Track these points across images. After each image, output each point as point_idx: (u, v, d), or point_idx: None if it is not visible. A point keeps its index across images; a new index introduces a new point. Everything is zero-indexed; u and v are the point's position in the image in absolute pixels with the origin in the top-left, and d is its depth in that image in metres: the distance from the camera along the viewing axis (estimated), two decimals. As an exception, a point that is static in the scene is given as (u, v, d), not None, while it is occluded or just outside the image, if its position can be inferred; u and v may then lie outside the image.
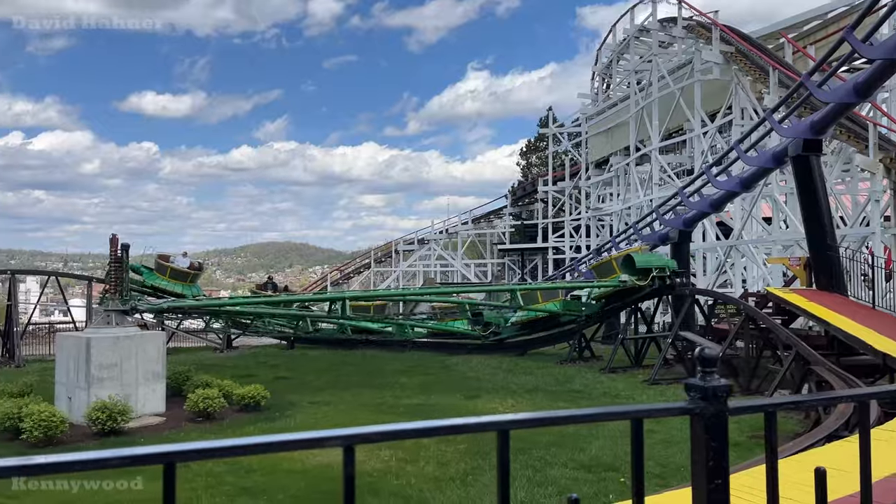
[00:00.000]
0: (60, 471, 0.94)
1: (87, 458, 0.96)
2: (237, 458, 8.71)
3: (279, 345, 28.89)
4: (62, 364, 15.06)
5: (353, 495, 1.06)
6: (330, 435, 1.08)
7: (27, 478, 9.86)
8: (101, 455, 0.97)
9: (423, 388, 17.94)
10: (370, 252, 57.76)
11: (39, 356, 26.23)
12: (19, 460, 0.90)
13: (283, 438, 1.05)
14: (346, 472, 1.05)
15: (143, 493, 8.73)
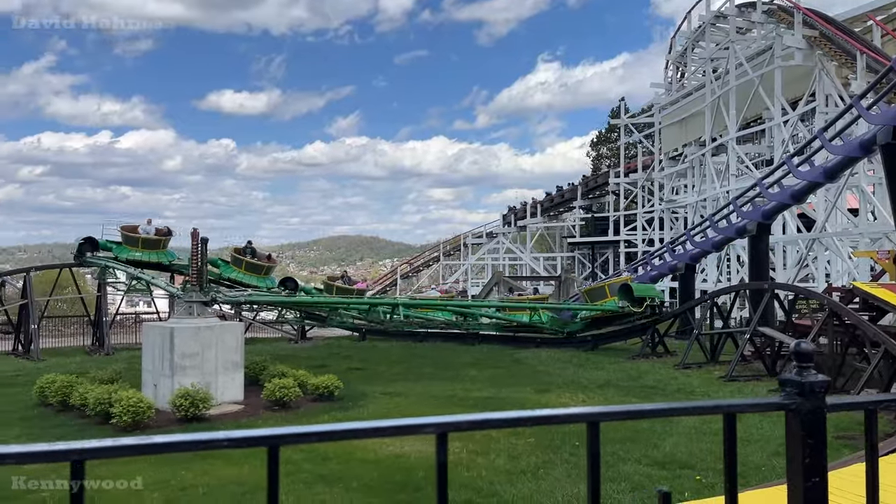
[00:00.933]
0: (177, 450, 0.99)
1: (199, 439, 1.01)
2: (314, 446, 8.90)
3: (351, 336, 29.42)
4: (148, 353, 15.75)
5: (446, 481, 1.08)
6: (425, 422, 1.10)
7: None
8: (212, 437, 1.02)
9: (492, 382, 17.95)
10: (439, 245, 58.05)
11: (127, 345, 27.52)
12: (139, 439, 0.96)
13: (381, 425, 1.08)
14: (439, 458, 1.07)
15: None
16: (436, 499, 1.06)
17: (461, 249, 54.18)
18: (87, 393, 13.83)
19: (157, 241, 25.75)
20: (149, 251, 25.71)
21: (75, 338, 28.69)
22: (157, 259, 25.65)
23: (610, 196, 51.55)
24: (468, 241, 53.46)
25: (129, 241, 25.54)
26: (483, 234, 53.68)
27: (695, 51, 42.65)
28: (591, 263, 51.98)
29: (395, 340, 27.58)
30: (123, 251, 25.42)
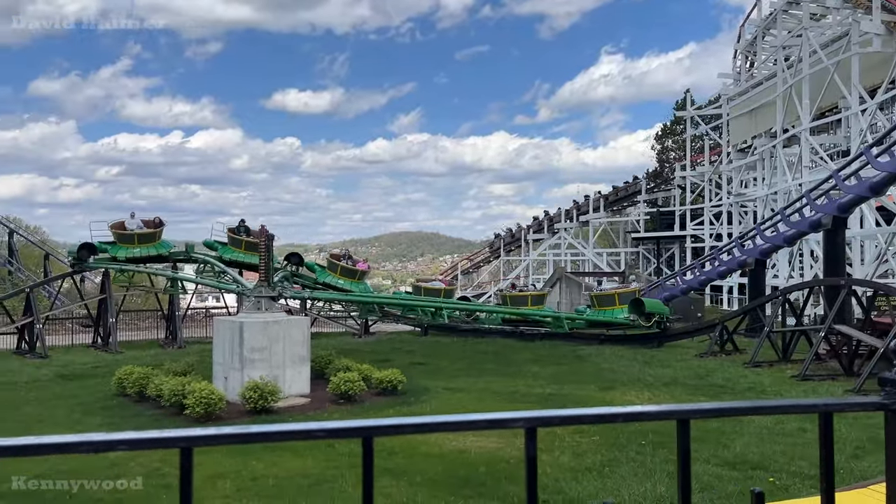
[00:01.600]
0: (276, 440, 1.03)
1: (297, 429, 1.04)
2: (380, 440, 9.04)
3: (413, 331, 29.67)
4: (219, 346, 16.25)
5: (536, 475, 1.08)
6: (512, 416, 1.11)
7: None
8: (310, 427, 1.06)
9: (555, 378, 17.82)
10: (499, 241, 57.85)
11: (198, 338, 28.45)
12: (240, 429, 1.00)
13: (473, 418, 1.09)
14: (528, 452, 1.08)
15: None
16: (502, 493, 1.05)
17: (522, 245, 53.88)
18: (162, 385, 14.37)
19: (151, 234, 25.69)
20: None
21: (150, 331, 29.83)
22: (156, 252, 25.60)
23: (675, 190, 50.39)
24: (529, 236, 53.11)
25: (123, 239, 25.36)
26: (544, 230, 53.23)
27: (765, 39, 41.23)
28: (656, 259, 50.96)
29: (456, 336, 27.68)
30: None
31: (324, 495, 8.73)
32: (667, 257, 50.99)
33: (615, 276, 43.99)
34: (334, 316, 30.25)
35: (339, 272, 26.71)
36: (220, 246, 26.32)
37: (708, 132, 48.96)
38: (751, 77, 43.23)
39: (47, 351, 23.88)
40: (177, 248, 26.06)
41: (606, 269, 48.61)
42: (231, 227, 26.87)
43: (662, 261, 50.50)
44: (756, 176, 41.74)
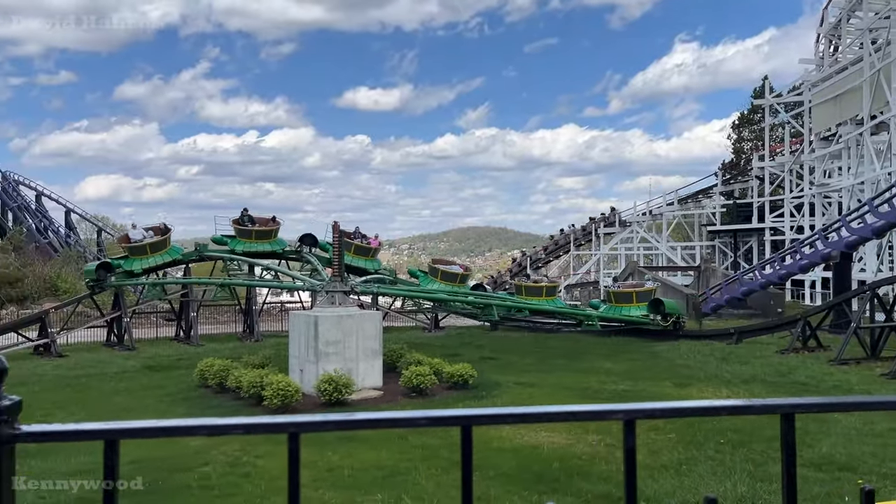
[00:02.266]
0: (379, 426, 1.06)
1: (400, 417, 1.06)
2: (450, 433, 9.03)
3: (483, 326, 29.69)
4: (294, 340, 16.67)
5: (635, 468, 1.07)
6: (612, 408, 1.10)
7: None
8: (412, 415, 1.08)
9: (628, 375, 17.53)
10: (569, 235, 57.20)
11: (274, 332, 29.27)
12: (345, 415, 1.03)
13: (574, 409, 1.09)
14: (627, 444, 1.07)
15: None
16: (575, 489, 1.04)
17: (592, 240, 53.10)
18: (241, 377, 14.85)
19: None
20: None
21: (228, 325, 30.87)
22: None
23: (753, 181, 48.66)
24: (600, 230, 52.30)
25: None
26: (616, 223, 52.31)
27: (850, 21, 39.31)
28: (734, 252, 49.37)
29: (526, 331, 27.57)
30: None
31: (398, 487, 8.85)
32: (744, 251, 49.32)
33: (690, 271, 42.86)
34: (404, 311, 30.60)
35: (353, 251, 27.08)
36: (230, 239, 26.89)
37: (788, 120, 47.04)
38: (835, 62, 41.28)
39: (134, 343, 25.04)
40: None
41: (680, 264, 47.40)
42: (235, 219, 27.17)
43: (740, 254, 48.89)
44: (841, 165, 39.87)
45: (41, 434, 1.03)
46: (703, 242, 51.07)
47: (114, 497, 1.00)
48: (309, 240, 27.67)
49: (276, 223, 26.88)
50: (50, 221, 50.05)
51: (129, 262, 25.16)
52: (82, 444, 10.39)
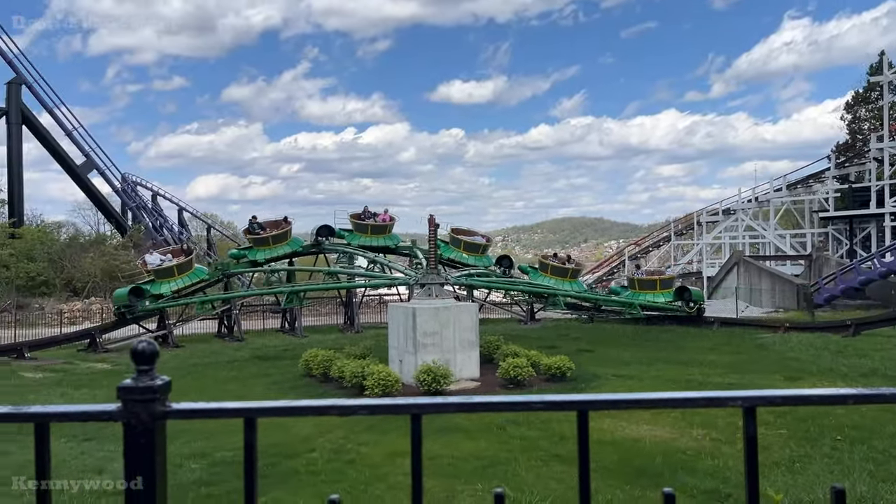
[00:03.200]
0: (497, 410, 1.09)
1: (518, 401, 1.09)
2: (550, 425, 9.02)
3: (579, 318, 29.33)
4: (393, 331, 17.03)
5: (756, 456, 1.06)
6: (731, 395, 1.09)
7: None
8: (529, 399, 1.11)
9: (734, 367, 16.88)
10: (669, 225, 55.50)
11: (373, 324, 30.00)
12: (465, 399, 1.07)
13: (690, 396, 1.09)
14: (748, 432, 1.05)
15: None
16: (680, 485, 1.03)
17: (694, 228, 51.29)
18: (343, 367, 15.32)
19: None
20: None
21: (330, 317, 31.90)
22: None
23: (871, 163, 45.56)
24: (702, 218, 50.42)
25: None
26: (719, 211, 50.30)
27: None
28: (849, 240, 46.45)
29: (622, 323, 27.04)
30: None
31: (498, 477, 8.91)
32: (861, 238, 46.32)
33: (800, 260, 40.70)
34: (500, 303, 30.65)
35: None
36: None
37: (910, 97, 43.71)
38: (963, 31, 37.98)
39: (243, 334, 26.29)
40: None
41: (790, 252, 45.09)
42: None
43: (856, 242, 45.95)
44: (971, 143, 36.74)
45: (189, 411, 1.13)
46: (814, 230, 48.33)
47: (254, 471, 1.09)
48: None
49: (287, 224, 27.20)
50: (165, 219, 53.14)
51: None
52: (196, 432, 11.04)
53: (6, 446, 11.23)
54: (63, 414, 1.10)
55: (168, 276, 24.81)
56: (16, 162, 44.21)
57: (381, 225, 27.36)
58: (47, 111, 44.84)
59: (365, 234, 27.14)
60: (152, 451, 1.08)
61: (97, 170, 47.06)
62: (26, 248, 38.81)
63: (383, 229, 27.37)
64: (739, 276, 36.09)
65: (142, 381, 1.10)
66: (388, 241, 27.52)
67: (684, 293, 27.13)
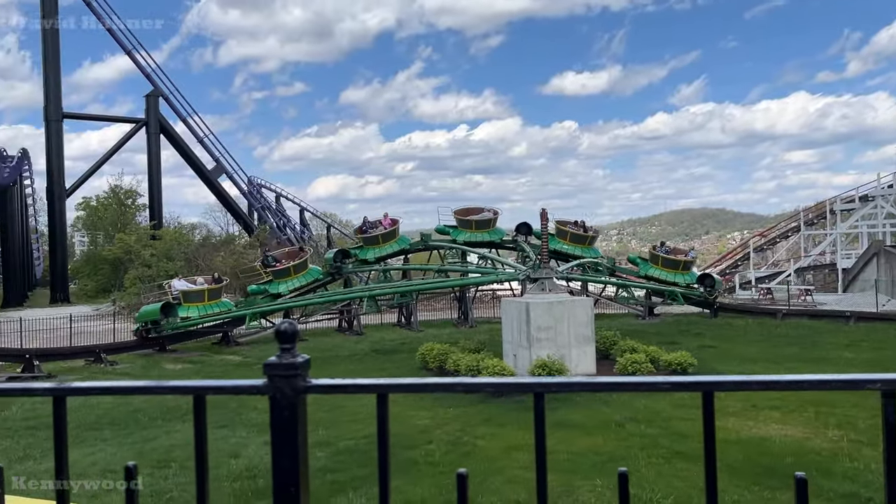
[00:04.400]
0: (624, 390, 1.11)
1: (644, 381, 1.10)
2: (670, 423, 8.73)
3: (701, 312, 28.21)
4: (507, 326, 17.07)
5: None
6: (869, 378, 1.04)
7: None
8: (654, 380, 1.11)
9: (874, 364, 15.74)
10: (798, 214, 52.26)
11: (486, 318, 30.14)
12: (589, 379, 1.09)
13: (825, 378, 1.06)
14: (888, 419, 1.01)
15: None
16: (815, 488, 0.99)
17: (826, 217, 48.03)
18: (458, 360, 15.54)
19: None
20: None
21: (444, 312, 32.33)
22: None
23: None
24: (836, 207, 47.13)
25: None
26: (855, 198, 46.85)
27: None
28: None
29: (750, 318, 25.76)
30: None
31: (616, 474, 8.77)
32: None
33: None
34: (617, 298, 29.98)
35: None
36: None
37: None
38: None
39: (362, 329, 27.16)
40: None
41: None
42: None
43: None
44: None
45: (328, 386, 1.21)
46: (968, 216, 44.00)
47: (386, 444, 1.15)
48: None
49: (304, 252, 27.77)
50: (288, 219, 55.71)
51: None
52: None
53: (154, 432, 12.22)
54: (217, 387, 1.22)
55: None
56: (155, 169, 47.72)
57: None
58: (181, 120, 48.07)
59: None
60: (295, 424, 1.18)
61: (226, 174, 49.96)
62: (165, 248, 41.81)
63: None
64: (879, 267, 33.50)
65: (285, 358, 1.20)
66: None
67: (706, 279, 27.36)
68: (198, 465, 1.16)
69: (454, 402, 13.93)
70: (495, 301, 32.31)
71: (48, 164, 43.43)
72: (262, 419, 12.23)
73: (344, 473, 9.13)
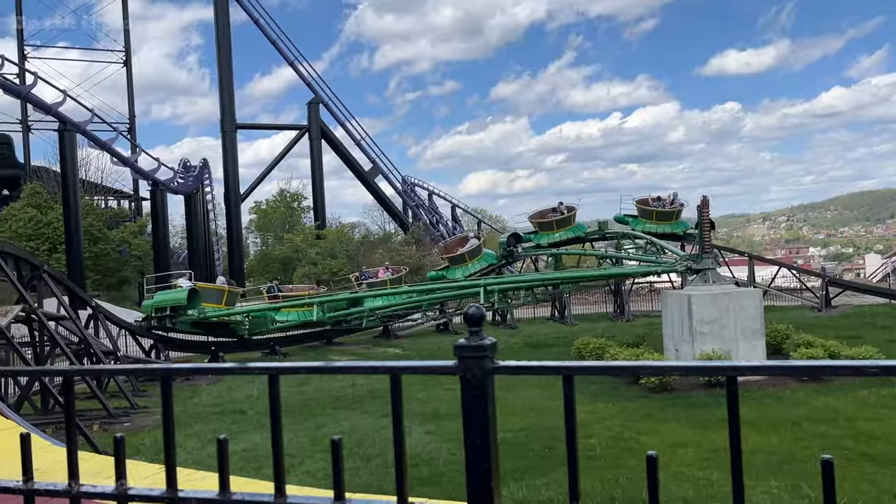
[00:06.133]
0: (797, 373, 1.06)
1: (865, 365, 1.04)
2: (857, 425, 8.05)
3: (890, 304, 25.65)
4: (667, 319, 16.46)
5: None
6: None
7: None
8: (862, 364, 1.05)
9: None
10: None
11: (644, 312, 29.26)
12: (780, 362, 1.05)
13: None
14: None
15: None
16: None
17: None
18: (616, 355, 15.20)
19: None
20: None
21: (599, 305, 31.72)
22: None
23: None
24: None
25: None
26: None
27: None
28: None
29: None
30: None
31: (793, 475, 8.21)
32: None
33: None
34: (788, 288, 27.98)
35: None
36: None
37: None
38: None
39: (515, 322, 27.29)
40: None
41: None
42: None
43: None
44: None
45: (514, 368, 1.26)
46: None
47: (574, 423, 1.18)
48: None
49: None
50: (440, 216, 57.05)
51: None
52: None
53: (323, 420, 13.00)
54: (412, 367, 1.30)
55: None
56: (318, 172, 50.63)
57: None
58: (340, 125, 50.62)
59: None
60: (485, 403, 1.23)
61: (382, 174, 52.02)
62: (329, 247, 44.29)
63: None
64: None
65: (473, 340, 1.26)
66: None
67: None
68: (396, 441, 1.25)
69: (613, 398, 13.65)
70: (653, 294, 31.25)
71: (225, 172, 47.36)
72: (424, 409, 12.65)
73: (502, 465, 9.20)
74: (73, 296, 19.50)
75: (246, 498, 1.35)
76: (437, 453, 9.85)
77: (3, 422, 5.90)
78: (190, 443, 11.18)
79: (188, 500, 1.46)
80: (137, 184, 49.65)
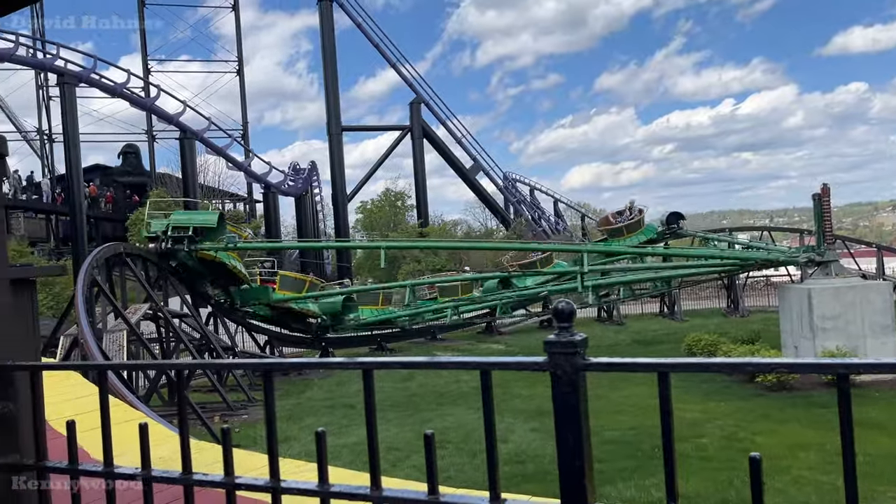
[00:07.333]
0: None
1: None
2: None
3: None
4: (785, 314, 15.61)
5: None
6: None
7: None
8: None
9: None
10: None
11: (760, 307, 27.90)
12: None
13: None
14: None
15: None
16: None
17: None
18: (730, 352, 14.58)
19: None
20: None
21: (710, 301, 30.49)
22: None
23: None
24: None
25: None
26: None
27: None
28: None
29: None
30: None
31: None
32: None
33: None
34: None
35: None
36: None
37: None
38: None
39: (623, 318, 26.67)
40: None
41: None
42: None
43: None
44: None
45: (606, 364, 1.23)
46: None
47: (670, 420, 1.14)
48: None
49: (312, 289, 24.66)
50: (542, 212, 56.54)
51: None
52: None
53: (428, 415, 13.20)
54: (503, 363, 1.29)
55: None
56: (420, 171, 51.39)
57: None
58: (441, 124, 51.13)
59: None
60: (577, 399, 1.21)
61: (483, 171, 52.14)
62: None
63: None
64: None
65: (563, 336, 1.23)
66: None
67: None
68: (487, 436, 1.24)
69: (725, 397, 13.10)
70: (769, 288, 29.74)
71: (332, 173, 48.91)
72: (526, 406, 12.58)
73: (610, 464, 9.05)
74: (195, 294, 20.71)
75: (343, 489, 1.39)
76: (542, 450, 9.79)
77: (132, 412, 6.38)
78: (304, 435, 11.64)
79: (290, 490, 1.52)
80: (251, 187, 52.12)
